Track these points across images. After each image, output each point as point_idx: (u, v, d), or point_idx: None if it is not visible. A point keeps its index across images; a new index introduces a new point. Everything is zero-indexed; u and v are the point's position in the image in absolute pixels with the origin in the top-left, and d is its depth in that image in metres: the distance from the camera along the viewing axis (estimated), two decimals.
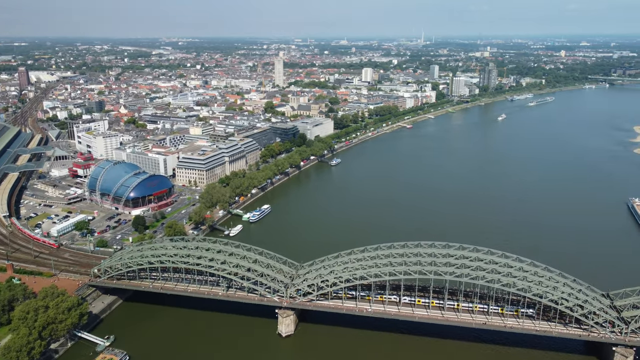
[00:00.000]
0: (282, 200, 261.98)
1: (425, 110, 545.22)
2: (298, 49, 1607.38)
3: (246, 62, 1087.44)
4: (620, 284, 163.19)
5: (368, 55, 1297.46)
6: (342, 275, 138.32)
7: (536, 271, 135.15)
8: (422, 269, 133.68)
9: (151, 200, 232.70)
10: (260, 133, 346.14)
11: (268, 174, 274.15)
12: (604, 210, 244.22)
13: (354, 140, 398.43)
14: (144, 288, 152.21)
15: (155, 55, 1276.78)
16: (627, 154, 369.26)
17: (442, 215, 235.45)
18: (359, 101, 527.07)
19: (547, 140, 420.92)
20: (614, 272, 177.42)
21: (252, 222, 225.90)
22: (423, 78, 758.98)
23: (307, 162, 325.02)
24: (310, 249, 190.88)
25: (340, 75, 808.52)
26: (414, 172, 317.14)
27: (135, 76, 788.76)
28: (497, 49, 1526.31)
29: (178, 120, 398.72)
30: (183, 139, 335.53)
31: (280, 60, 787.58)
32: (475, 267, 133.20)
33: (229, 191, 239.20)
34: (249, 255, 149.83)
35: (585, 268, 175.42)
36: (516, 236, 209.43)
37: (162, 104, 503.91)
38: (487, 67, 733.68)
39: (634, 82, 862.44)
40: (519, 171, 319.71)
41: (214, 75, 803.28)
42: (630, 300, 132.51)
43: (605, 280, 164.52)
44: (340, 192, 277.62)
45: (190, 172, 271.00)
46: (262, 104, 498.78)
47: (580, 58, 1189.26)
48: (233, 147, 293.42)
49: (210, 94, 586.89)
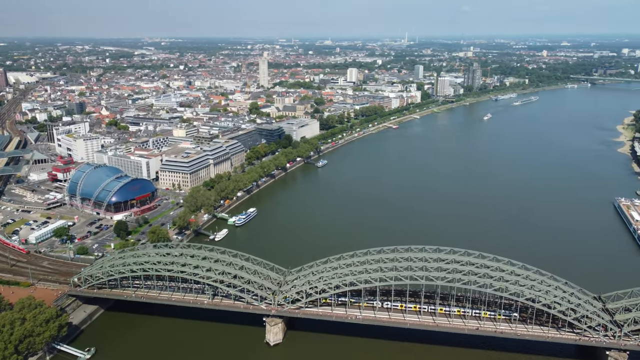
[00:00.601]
0: (269, 203, 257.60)
1: (411, 110, 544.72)
2: (282, 49, 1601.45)
3: (230, 62, 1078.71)
4: (610, 284, 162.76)
5: (352, 56, 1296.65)
6: (331, 282, 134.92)
7: (528, 275, 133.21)
8: (413, 274, 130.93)
9: (134, 205, 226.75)
10: (245, 134, 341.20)
11: (254, 176, 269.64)
12: (590, 210, 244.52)
13: (340, 141, 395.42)
14: (126, 297, 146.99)
15: (138, 56, 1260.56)
16: (611, 153, 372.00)
17: (431, 216, 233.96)
18: (344, 102, 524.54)
19: (532, 139, 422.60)
20: (604, 273, 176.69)
21: (237, 226, 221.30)
22: (408, 78, 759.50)
23: (293, 163, 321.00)
24: (297, 253, 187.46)
25: (325, 76, 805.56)
26: (402, 173, 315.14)
27: (117, 77, 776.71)
28: (480, 49, 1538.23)
29: (161, 122, 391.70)
30: (166, 141, 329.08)
31: (265, 60, 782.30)
32: (467, 272, 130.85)
33: (214, 194, 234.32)
34: (235, 262, 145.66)
35: (575, 269, 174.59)
36: (504, 237, 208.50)
37: (144, 106, 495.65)
38: (471, 67, 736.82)
39: (614, 82, 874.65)
40: (506, 171, 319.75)
41: (198, 75, 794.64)
42: (622, 302, 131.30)
43: (595, 282, 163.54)
44: (327, 194, 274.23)
45: (173, 175, 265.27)
46: (246, 104, 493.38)
47: (561, 58, 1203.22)
48: (217, 149, 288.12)
49: (194, 95, 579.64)
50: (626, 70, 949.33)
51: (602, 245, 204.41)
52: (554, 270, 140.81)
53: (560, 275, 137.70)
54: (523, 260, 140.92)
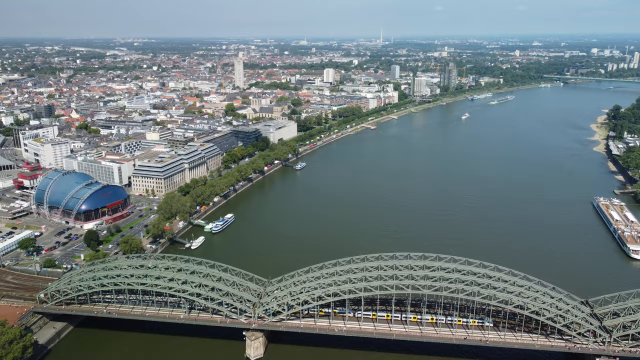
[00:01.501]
0: (246, 208, 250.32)
1: (389, 110, 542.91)
2: (258, 49, 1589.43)
3: (205, 63, 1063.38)
4: (595, 287, 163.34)
5: (328, 56, 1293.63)
6: (314, 293, 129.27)
7: (515, 281, 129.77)
8: (399, 283, 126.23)
9: (105, 213, 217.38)
10: (221, 137, 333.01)
11: (231, 180, 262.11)
12: (570, 210, 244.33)
13: (318, 142, 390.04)
14: (96, 313, 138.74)
15: (110, 57, 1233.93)
16: (587, 151, 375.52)
17: (412, 219, 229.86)
18: (321, 102, 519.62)
19: (510, 138, 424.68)
20: (588, 275, 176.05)
21: (214, 232, 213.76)
22: (384, 78, 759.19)
23: (271, 166, 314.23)
24: (278, 261, 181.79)
25: (302, 76, 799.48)
26: (382, 175, 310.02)
27: (88, 78, 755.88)
28: (454, 48, 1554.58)
29: (134, 125, 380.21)
30: (139, 145, 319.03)
31: (240, 61, 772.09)
32: (454, 280, 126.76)
33: (190, 200, 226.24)
34: (212, 273, 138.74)
35: (559, 272, 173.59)
36: (486, 240, 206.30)
37: (116, 108, 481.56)
38: (447, 67, 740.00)
39: (585, 81, 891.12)
40: (487, 171, 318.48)
41: (172, 76, 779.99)
42: (610, 307, 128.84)
43: (581, 284, 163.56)
44: (307, 198, 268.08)
45: (147, 180, 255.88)
46: (222, 106, 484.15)
47: (534, 57, 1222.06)
48: (193, 153, 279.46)
49: (167, 96, 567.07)
50: (596, 70, 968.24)
51: (584, 246, 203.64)
52: (538, 274, 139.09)
53: (545, 278, 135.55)
54: (506, 263, 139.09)
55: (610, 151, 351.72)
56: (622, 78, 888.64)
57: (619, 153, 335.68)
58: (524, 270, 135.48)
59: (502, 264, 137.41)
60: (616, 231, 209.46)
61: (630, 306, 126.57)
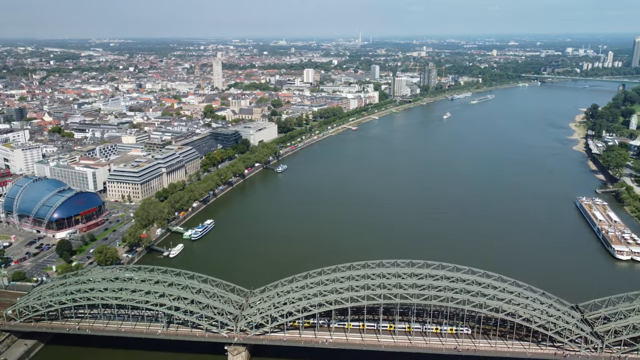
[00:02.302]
0: (227, 214, 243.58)
1: (370, 111, 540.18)
2: (236, 49, 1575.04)
3: (183, 63, 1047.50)
4: (581, 289, 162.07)
5: (308, 56, 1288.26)
6: (298, 304, 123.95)
7: (505, 287, 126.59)
8: (387, 292, 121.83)
9: (78, 221, 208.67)
10: (200, 140, 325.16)
11: (210, 184, 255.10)
12: (553, 211, 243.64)
13: (299, 144, 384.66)
14: (68, 330, 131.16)
15: (85, 57, 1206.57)
16: (567, 150, 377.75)
17: (397, 223, 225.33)
18: (302, 103, 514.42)
19: (492, 137, 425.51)
20: (575, 277, 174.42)
21: (194, 239, 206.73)
22: (364, 78, 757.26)
23: (251, 169, 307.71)
24: (260, 269, 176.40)
25: (281, 77, 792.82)
26: (365, 176, 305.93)
27: (61, 80, 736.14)
28: (432, 48, 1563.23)
29: (109, 128, 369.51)
30: (115, 148, 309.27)
31: (219, 61, 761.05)
32: (443, 288, 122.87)
33: (167, 206, 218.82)
34: (191, 285, 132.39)
35: (546, 275, 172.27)
36: (469, 240, 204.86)
37: (91, 111, 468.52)
38: (426, 67, 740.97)
39: (562, 80, 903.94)
40: (469, 170, 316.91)
41: (149, 77, 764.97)
42: (600, 312, 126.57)
43: (568, 287, 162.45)
44: (289, 202, 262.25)
45: (123, 186, 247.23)
46: (201, 108, 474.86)
47: (511, 57, 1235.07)
48: (170, 157, 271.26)
49: (144, 98, 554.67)
50: (572, 69, 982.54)
51: (569, 247, 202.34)
52: (525, 276, 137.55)
53: (531, 280, 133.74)
54: (492, 265, 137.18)
55: (590, 150, 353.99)
56: (597, 77, 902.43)
57: (598, 152, 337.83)
58: (510, 273, 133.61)
59: (487, 266, 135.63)
60: (600, 231, 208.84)
61: (621, 310, 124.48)
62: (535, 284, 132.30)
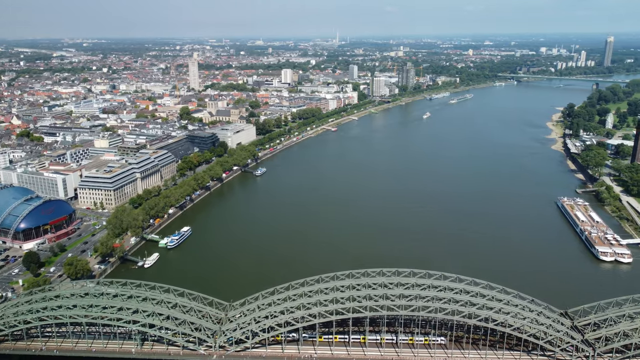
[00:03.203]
0: (204, 220, 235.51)
1: (349, 111, 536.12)
2: (213, 49, 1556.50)
3: (158, 64, 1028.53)
4: (567, 292, 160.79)
5: (285, 56, 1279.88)
6: (281, 318, 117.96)
7: (494, 295, 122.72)
8: (373, 304, 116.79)
9: (47, 231, 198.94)
10: (175, 143, 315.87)
11: (187, 190, 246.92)
12: (535, 212, 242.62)
13: (278, 146, 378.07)
14: (34, 351, 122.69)
15: (57, 58, 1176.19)
16: (545, 150, 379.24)
17: (380, 227, 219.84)
18: (280, 104, 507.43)
19: (472, 137, 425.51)
20: (561, 280, 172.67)
21: (170, 248, 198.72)
22: (343, 78, 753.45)
23: (229, 173, 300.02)
24: (240, 279, 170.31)
25: (259, 77, 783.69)
26: (346, 179, 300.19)
27: (32, 81, 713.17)
28: (409, 48, 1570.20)
29: (81, 132, 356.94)
30: (87, 153, 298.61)
31: (195, 61, 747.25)
32: (432, 298, 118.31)
33: (142, 213, 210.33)
34: (166, 299, 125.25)
35: (531, 279, 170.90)
36: (452, 244, 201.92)
37: (62, 113, 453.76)
38: (404, 67, 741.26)
39: (537, 79, 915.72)
40: (451, 173, 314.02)
41: (123, 79, 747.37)
42: (590, 318, 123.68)
43: (552, 289, 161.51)
44: (268, 206, 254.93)
45: (95, 192, 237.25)
46: (176, 109, 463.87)
47: (487, 57, 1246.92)
48: (145, 161, 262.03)
49: (118, 99, 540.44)
50: (547, 68, 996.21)
51: (552, 248, 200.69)
52: (510, 280, 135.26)
53: (515, 284, 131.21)
54: (476, 269, 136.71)
55: (568, 149, 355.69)
56: (571, 76, 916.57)
57: (577, 151, 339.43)
58: (496, 277, 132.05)
59: (471, 271, 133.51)
60: (583, 232, 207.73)
61: (611, 316, 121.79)
62: (521, 288, 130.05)
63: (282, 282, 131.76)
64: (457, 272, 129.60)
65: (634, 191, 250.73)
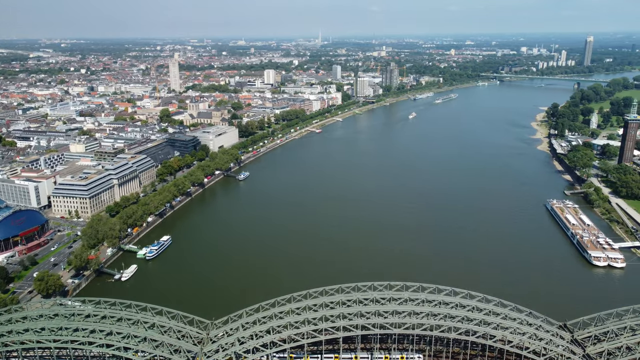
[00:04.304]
0: (185, 228, 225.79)
1: (333, 112, 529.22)
2: (194, 50, 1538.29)
3: (138, 64, 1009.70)
4: (562, 300, 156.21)
5: (268, 56, 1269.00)
6: (266, 338, 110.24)
7: (491, 309, 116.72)
8: (365, 322, 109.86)
9: (17, 242, 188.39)
10: (155, 147, 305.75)
11: (167, 196, 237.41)
12: (525, 214, 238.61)
13: (262, 149, 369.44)
14: None
15: (33, 59, 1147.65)
16: (531, 150, 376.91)
17: (366, 236, 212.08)
18: (263, 105, 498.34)
19: (458, 138, 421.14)
20: (553, 286, 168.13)
21: (149, 259, 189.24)
22: (326, 79, 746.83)
23: (211, 178, 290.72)
24: (223, 292, 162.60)
25: (241, 78, 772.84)
26: (332, 183, 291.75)
27: (6, 83, 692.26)
28: (392, 48, 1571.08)
29: (56, 136, 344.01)
30: (62, 158, 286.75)
31: (176, 62, 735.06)
32: (426, 314, 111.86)
33: (119, 222, 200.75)
34: (143, 319, 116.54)
35: (523, 283, 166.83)
36: (440, 250, 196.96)
37: (37, 116, 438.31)
38: (388, 67, 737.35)
39: (519, 79, 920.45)
40: (439, 175, 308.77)
41: (102, 80, 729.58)
42: (591, 331, 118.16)
43: (547, 297, 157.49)
44: (252, 213, 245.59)
45: (69, 200, 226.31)
46: (156, 112, 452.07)
47: (469, 56, 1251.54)
48: (123, 167, 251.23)
49: (96, 102, 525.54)
50: (529, 68, 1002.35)
51: (544, 254, 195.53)
52: (506, 291, 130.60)
53: (512, 295, 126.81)
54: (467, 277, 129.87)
55: (554, 150, 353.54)
56: (553, 75, 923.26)
57: (563, 152, 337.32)
58: (487, 283, 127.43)
59: (465, 280, 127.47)
60: (574, 236, 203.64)
61: (612, 329, 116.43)
62: (516, 297, 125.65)
63: (268, 293, 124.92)
64: (449, 280, 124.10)
65: (623, 192, 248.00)
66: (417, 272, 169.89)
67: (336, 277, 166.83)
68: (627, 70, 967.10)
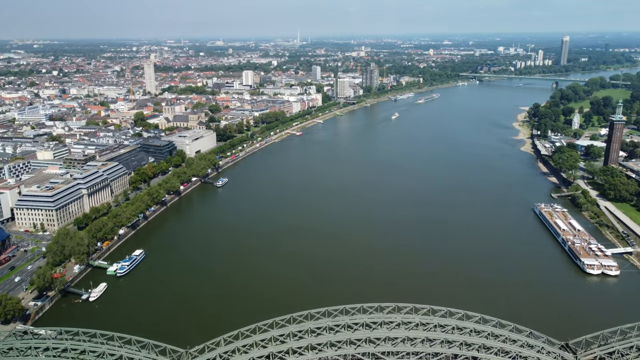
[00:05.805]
0: (159, 241, 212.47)
1: (313, 114, 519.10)
2: (171, 50, 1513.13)
3: (113, 66, 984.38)
4: (558, 313, 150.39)
5: (246, 57, 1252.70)
6: None
7: (491, 331, 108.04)
8: (355, 351, 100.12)
9: None
10: (128, 153, 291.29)
11: (140, 206, 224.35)
12: (513, 219, 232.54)
13: (240, 153, 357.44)
14: None
15: (3, 60, 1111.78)
16: (515, 151, 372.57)
17: (351, 246, 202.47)
18: (242, 108, 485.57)
19: (441, 139, 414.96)
20: (548, 298, 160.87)
21: (119, 276, 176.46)
22: (306, 79, 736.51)
23: (187, 185, 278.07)
24: (199, 312, 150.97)
25: (219, 79, 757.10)
26: (314, 189, 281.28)
27: None
28: (370, 48, 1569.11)
29: (23, 142, 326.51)
30: (28, 166, 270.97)
31: (151, 63, 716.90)
32: (422, 339, 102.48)
33: (88, 236, 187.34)
34: (109, 351, 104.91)
35: (517, 299, 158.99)
36: (427, 262, 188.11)
37: (4, 121, 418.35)
38: (368, 68, 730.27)
39: (498, 79, 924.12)
40: (424, 179, 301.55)
41: (74, 82, 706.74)
42: (595, 352, 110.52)
43: (542, 311, 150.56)
44: (231, 222, 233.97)
45: (34, 212, 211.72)
46: (130, 115, 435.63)
47: (447, 56, 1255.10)
48: (92, 175, 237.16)
49: (67, 105, 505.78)
50: (507, 68, 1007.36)
51: (535, 262, 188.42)
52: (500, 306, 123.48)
53: (505, 310, 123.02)
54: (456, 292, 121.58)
55: (538, 151, 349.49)
56: (531, 75, 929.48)
57: (547, 153, 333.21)
58: (479, 296, 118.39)
59: (451, 293, 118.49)
60: (565, 242, 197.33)
61: (618, 349, 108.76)
62: (512, 312, 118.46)
63: (248, 317, 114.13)
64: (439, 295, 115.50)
65: (611, 195, 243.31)
66: (405, 294, 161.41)
67: (320, 293, 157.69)
68: (602, 70, 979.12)
